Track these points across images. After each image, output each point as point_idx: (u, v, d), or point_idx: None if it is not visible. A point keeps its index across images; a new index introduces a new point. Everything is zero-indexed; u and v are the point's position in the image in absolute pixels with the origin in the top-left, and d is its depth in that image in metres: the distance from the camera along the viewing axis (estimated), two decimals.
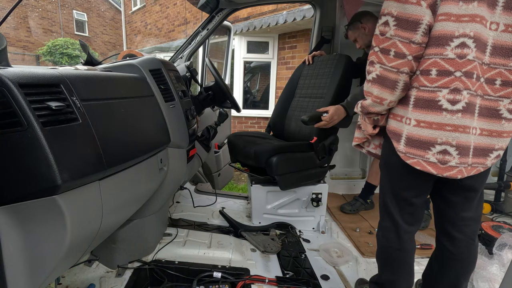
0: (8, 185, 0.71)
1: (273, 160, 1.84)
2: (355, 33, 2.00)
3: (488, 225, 1.92)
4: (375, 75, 0.97)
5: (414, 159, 0.95)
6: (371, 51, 0.98)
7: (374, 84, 0.98)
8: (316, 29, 2.45)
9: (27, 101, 0.70)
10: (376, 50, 0.95)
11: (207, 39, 2.45)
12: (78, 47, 12.75)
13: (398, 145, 0.99)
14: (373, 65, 0.97)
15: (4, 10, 12.95)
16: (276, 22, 5.34)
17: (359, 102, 1.09)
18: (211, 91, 2.06)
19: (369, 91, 1.01)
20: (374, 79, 0.97)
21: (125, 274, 1.44)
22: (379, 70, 0.95)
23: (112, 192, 0.96)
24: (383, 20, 0.93)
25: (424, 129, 0.92)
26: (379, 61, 0.95)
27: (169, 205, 2.00)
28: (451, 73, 0.86)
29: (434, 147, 0.91)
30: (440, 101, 0.88)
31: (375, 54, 0.96)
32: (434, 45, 0.88)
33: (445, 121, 0.89)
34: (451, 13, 0.85)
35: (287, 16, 5.17)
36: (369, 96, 1.02)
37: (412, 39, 0.88)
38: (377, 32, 0.95)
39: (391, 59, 0.92)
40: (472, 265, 1.15)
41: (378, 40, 0.95)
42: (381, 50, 0.94)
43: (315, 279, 1.58)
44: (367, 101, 1.03)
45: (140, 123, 1.17)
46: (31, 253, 0.77)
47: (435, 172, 0.92)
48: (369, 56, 0.98)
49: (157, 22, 11.19)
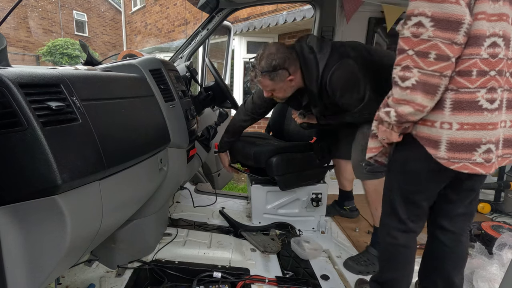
0: (8, 185, 0.71)
1: (273, 160, 1.84)
2: (277, 84, 1.54)
3: (488, 225, 1.92)
4: (414, 81, 0.88)
5: (460, 163, 0.92)
6: (401, 55, 0.89)
7: (415, 91, 0.88)
8: (316, 29, 2.45)
9: (27, 101, 0.70)
10: (410, 53, 0.86)
11: (207, 39, 2.45)
12: (78, 47, 12.75)
13: (436, 152, 0.94)
14: (410, 70, 0.87)
15: (4, 10, 12.96)
16: (276, 22, 5.34)
17: (391, 111, 0.96)
18: (211, 91, 2.06)
19: (409, 99, 0.90)
20: (414, 86, 0.88)
21: (125, 274, 1.44)
22: (418, 76, 0.87)
23: (112, 192, 0.96)
24: (414, 21, 0.85)
25: (468, 132, 0.90)
26: (415, 65, 0.86)
27: (169, 205, 2.00)
28: (486, 73, 0.87)
29: (480, 148, 0.90)
30: (480, 101, 0.88)
31: (410, 58, 0.87)
32: (473, 45, 0.86)
33: (487, 120, 0.89)
34: (486, 12, 0.85)
35: (287, 16, 5.17)
36: (408, 105, 0.91)
37: (455, 39, 0.83)
38: (408, 34, 0.86)
39: (431, 62, 0.85)
40: (464, 257, 1.22)
41: (411, 43, 0.86)
42: (416, 53, 0.86)
43: (315, 279, 1.58)
44: (407, 110, 0.91)
45: (140, 123, 1.17)
46: (31, 253, 0.77)
47: (484, 172, 0.92)
48: (400, 60, 0.89)
49: (157, 22, 11.19)
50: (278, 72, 1.49)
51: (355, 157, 1.70)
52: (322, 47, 1.49)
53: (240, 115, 1.92)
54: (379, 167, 1.65)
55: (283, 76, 1.51)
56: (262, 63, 1.49)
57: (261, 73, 1.51)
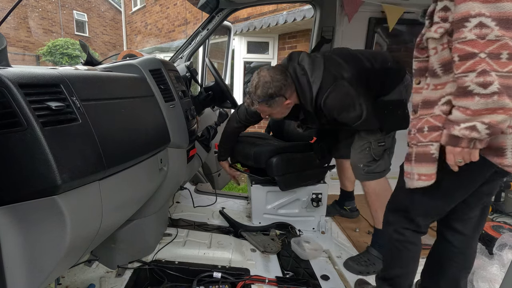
0: (8, 185, 0.71)
1: (273, 161, 1.84)
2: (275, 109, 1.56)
3: (488, 225, 1.92)
4: (498, 85, 0.80)
5: None
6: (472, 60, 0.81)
7: (503, 96, 0.80)
8: (316, 29, 2.45)
9: (27, 101, 0.70)
10: (483, 56, 0.80)
11: (207, 39, 2.45)
12: (78, 47, 12.76)
13: (502, 160, 0.89)
14: (489, 74, 0.80)
15: (4, 10, 12.96)
16: (276, 22, 5.34)
17: (476, 125, 0.85)
18: (211, 91, 2.06)
19: (497, 105, 0.82)
20: (500, 90, 0.80)
21: (125, 274, 1.44)
22: (498, 79, 0.80)
23: (112, 192, 0.96)
24: (474, 22, 0.79)
25: None
26: (491, 68, 0.80)
27: (169, 205, 2.00)
28: None
29: None
30: None
31: (484, 61, 0.80)
32: None
33: None
34: None
35: (287, 16, 5.17)
36: (496, 113, 0.83)
37: None
38: (472, 37, 0.80)
39: (504, 63, 0.79)
40: (472, 261, 1.22)
41: (480, 45, 0.80)
42: (489, 56, 0.79)
43: (315, 279, 1.58)
44: (500, 117, 0.82)
45: (140, 123, 1.17)
46: (31, 253, 0.77)
47: None
48: (473, 66, 0.81)
49: (157, 22, 11.19)
50: (275, 99, 1.50)
51: (353, 158, 1.71)
52: (314, 68, 1.48)
53: (233, 122, 1.93)
54: (377, 168, 1.66)
55: (280, 101, 1.51)
56: (258, 92, 1.49)
57: (258, 102, 1.52)
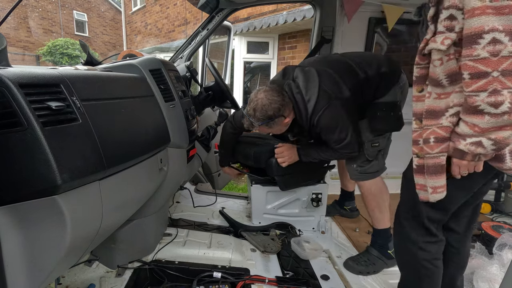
0: (8, 185, 0.71)
1: (273, 160, 1.84)
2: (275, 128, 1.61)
3: (488, 225, 1.93)
4: (509, 104, 0.78)
5: None
6: (484, 79, 0.79)
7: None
8: (316, 29, 2.45)
9: (27, 101, 0.70)
10: (495, 75, 0.78)
11: (207, 39, 2.45)
12: (78, 47, 12.77)
13: (502, 164, 0.92)
14: (500, 94, 0.78)
15: (4, 10, 12.96)
16: (276, 22, 5.34)
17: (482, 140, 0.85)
18: (211, 91, 2.06)
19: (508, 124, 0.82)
20: (510, 109, 0.79)
21: (125, 274, 1.44)
22: (509, 97, 0.78)
23: (112, 192, 0.96)
24: (487, 38, 0.77)
25: None
26: (504, 86, 0.78)
27: (169, 205, 2.00)
28: None
29: None
30: None
31: (496, 80, 0.78)
32: None
33: None
34: None
35: (287, 16, 5.17)
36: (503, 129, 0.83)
37: None
38: (486, 55, 0.78)
39: None
40: (467, 258, 1.25)
41: (492, 64, 0.77)
42: (502, 74, 0.77)
43: (315, 279, 1.58)
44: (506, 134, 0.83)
45: (140, 123, 1.17)
46: (31, 252, 0.77)
47: None
48: (485, 85, 0.80)
49: (157, 22, 11.20)
50: (275, 120, 1.53)
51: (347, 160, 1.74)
52: (308, 86, 1.51)
53: (229, 128, 1.94)
54: (370, 168, 1.67)
55: (280, 121, 1.55)
56: (257, 115, 1.51)
57: (258, 124, 1.55)
